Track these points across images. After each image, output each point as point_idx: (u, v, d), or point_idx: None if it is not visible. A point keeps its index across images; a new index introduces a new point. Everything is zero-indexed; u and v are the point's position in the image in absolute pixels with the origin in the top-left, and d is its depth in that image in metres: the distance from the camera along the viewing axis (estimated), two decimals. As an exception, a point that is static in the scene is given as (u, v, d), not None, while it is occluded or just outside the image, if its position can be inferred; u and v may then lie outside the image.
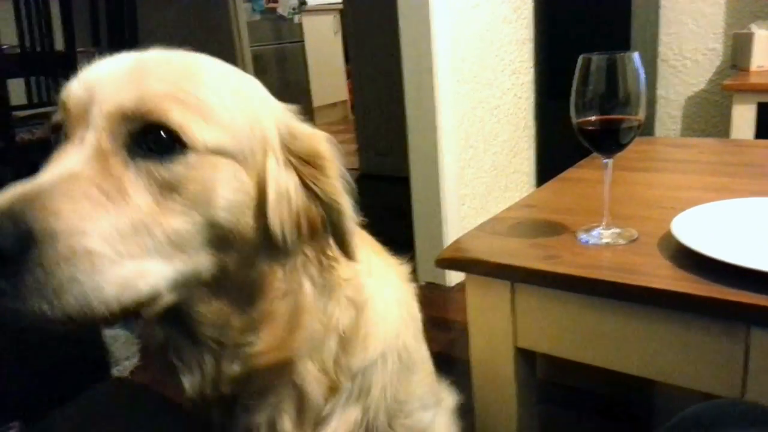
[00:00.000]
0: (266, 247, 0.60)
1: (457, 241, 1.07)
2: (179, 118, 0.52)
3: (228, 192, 0.55)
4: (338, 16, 5.91)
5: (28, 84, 2.82)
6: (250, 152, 0.57)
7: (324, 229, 0.63)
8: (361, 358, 0.70)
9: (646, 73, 0.91)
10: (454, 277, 2.38)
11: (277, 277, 0.62)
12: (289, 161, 0.61)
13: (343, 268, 0.68)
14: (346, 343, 0.69)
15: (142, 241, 0.50)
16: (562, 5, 2.59)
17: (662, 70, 2.79)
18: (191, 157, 0.53)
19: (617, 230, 1.00)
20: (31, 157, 3.22)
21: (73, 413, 0.79)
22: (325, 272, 0.66)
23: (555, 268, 0.91)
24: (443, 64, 2.17)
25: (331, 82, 6.12)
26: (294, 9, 5.67)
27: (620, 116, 0.90)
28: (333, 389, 0.69)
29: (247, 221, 0.57)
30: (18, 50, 2.77)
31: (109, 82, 0.54)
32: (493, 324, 1.03)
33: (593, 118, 0.91)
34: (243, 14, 4.31)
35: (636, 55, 0.89)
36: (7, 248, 0.44)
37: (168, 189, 0.52)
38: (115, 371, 1.52)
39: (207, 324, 0.60)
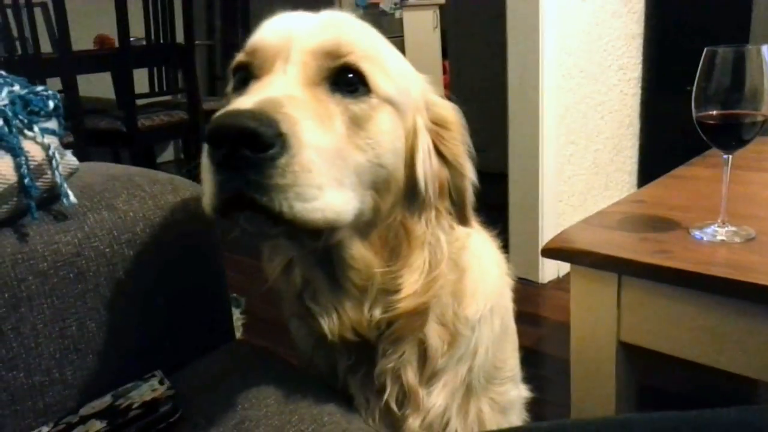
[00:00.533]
0: (410, 196, 0.67)
1: (563, 232, 1.07)
2: (368, 66, 0.60)
3: (393, 137, 0.62)
4: (438, 11, 5.92)
5: (151, 74, 3.03)
6: (406, 109, 0.65)
7: (449, 190, 0.69)
8: (474, 310, 0.75)
9: (765, 68, 0.88)
10: (547, 274, 2.36)
11: (418, 227, 0.67)
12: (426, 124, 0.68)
13: (456, 228, 0.73)
14: (460, 296, 0.73)
15: (341, 167, 0.56)
16: (675, -1, 2.49)
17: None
18: (373, 100, 0.60)
19: (733, 228, 0.97)
20: (150, 141, 3.49)
21: (204, 368, 0.87)
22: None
23: (667, 263, 0.90)
24: (549, 57, 2.15)
25: (427, 77, 6.13)
26: (396, 4, 5.74)
27: (744, 111, 0.88)
28: (451, 343, 0.74)
29: (400, 168, 0.64)
30: (144, 42, 2.98)
31: (308, 28, 0.61)
32: (596, 317, 1.02)
33: (715, 112, 0.89)
34: (347, 9, 4.42)
35: (765, 48, 0.87)
36: (266, 140, 0.49)
37: (355, 124, 0.59)
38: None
39: (354, 268, 0.66)
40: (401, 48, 6.04)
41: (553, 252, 1.03)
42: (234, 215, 0.55)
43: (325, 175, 0.53)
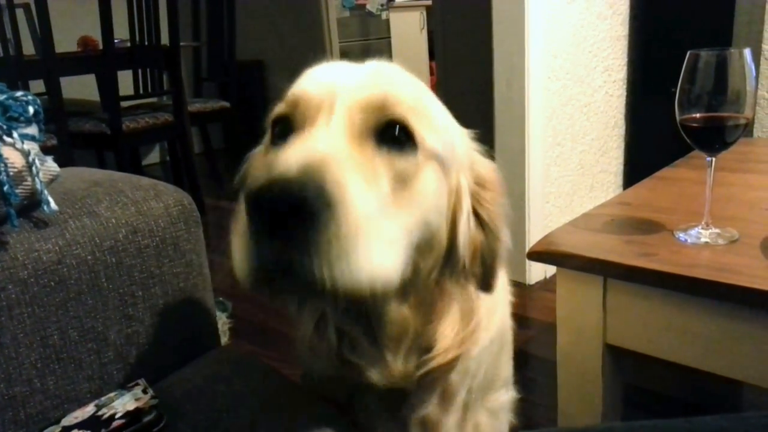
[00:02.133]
0: (448, 257, 0.64)
1: (549, 235, 1.08)
2: (415, 121, 0.57)
3: (438, 195, 0.60)
4: (425, 13, 5.93)
5: (135, 76, 3.00)
6: (450, 166, 0.62)
7: (481, 254, 0.66)
8: (476, 348, 0.73)
9: (749, 72, 0.89)
10: (534, 276, 2.37)
11: (451, 288, 0.66)
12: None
13: None
14: (472, 330, 0.72)
15: (387, 230, 0.52)
16: (659, 1, 2.51)
17: (765, 69, 2.64)
18: (419, 156, 0.58)
19: (717, 230, 0.98)
20: (135, 144, 3.46)
21: (189, 376, 0.86)
22: None
23: (651, 265, 0.90)
24: (535, 59, 2.16)
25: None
26: (382, 5, 5.74)
27: (727, 114, 0.89)
28: (464, 373, 0.74)
29: (443, 228, 0.62)
30: (128, 44, 2.95)
31: (353, 80, 0.58)
32: (582, 319, 1.03)
33: (698, 115, 0.90)
34: (333, 11, 4.42)
35: (747, 52, 0.87)
36: (313, 208, 0.45)
37: (401, 181, 0.56)
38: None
39: (390, 323, 0.64)
40: (388, 49, 6.06)
41: (539, 255, 1.03)
42: (273, 282, 0.50)
43: (372, 241, 0.49)
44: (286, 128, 0.59)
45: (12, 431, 0.75)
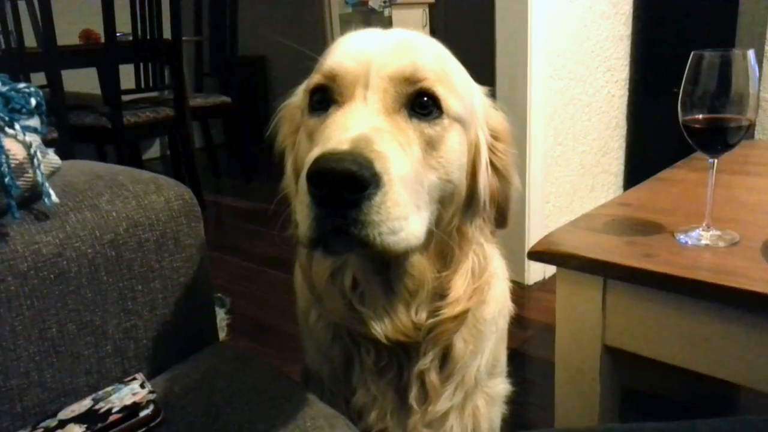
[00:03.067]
0: (468, 204, 0.70)
1: (550, 235, 1.07)
2: (441, 89, 0.64)
3: (460, 153, 0.66)
4: (427, 10, 5.92)
5: (137, 70, 2.99)
6: (470, 124, 0.68)
7: (498, 198, 0.73)
8: (489, 310, 0.79)
9: (753, 73, 0.89)
10: (533, 276, 2.37)
11: (470, 232, 0.72)
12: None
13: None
14: (482, 300, 0.77)
15: (419, 192, 0.59)
16: (663, 1, 2.50)
17: (767, 71, 2.64)
18: (445, 121, 0.64)
19: (717, 232, 0.98)
20: (135, 138, 3.46)
21: (187, 372, 0.86)
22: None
23: (652, 267, 0.90)
24: (537, 58, 2.15)
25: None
26: (385, 2, 5.72)
27: (730, 115, 0.88)
28: (475, 343, 0.78)
29: (464, 181, 0.68)
30: (130, 38, 2.95)
31: (384, 53, 0.64)
32: (581, 320, 1.03)
33: (701, 116, 0.89)
34: (336, 7, 4.41)
35: (751, 53, 0.87)
36: (365, 181, 0.52)
37: (429, 146, 0.63)
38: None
39: (411, 274, 0.69)
40: (390, 46, 6.04)
41: (539, 255, 1.03)
42: (327, 241, 0.57)
43: (409, 204, 0.57)
44: (324, 98, 0.65)
45: (8, 423, 0.75)
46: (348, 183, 0.52)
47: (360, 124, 0.58)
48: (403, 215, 0.55)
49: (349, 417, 0.77)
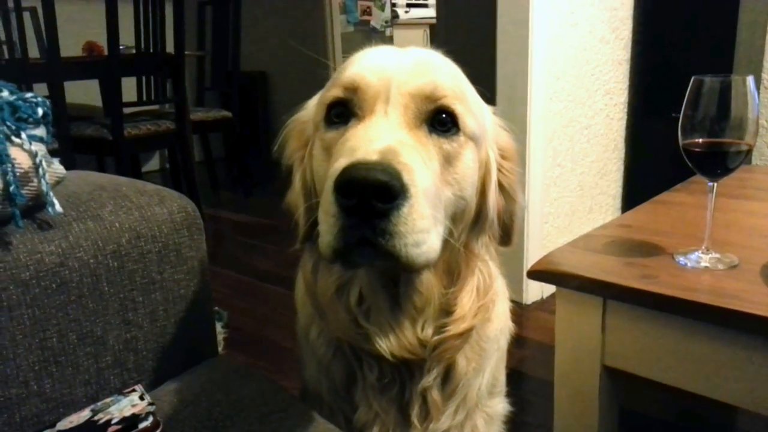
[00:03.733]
0: (475, 223, 0.71)
1: (549, 254, 1.08)
2: (460, 108, 0.65)
3: (473, 170, 0.68)
4: (428, 31, 5.99)
5: (139, 82, 3.01)
6: (482, 143, 0.70)
7: (503, 216, 0.74)
8: (493, 328, 0.80)
9: (750, 99, 0.90)
10: (531, 295, 2.37)
11: (476, 249, 0.73)
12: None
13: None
14: (487, 303, 0.77)
15: (437, 206, 0.60)
16: (662, 27, 2.53)
17: (765, 98, 2.67)
18: (461, 138, 0.65)
19: (717, 255, 0.98)
20: (135, 150, 3.46)
21: (186, 384, 0.86)
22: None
23: (651, 288, 0.91)
24: (537, 80, 2.17)
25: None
26: (387, 22, 5.79)
27: (730, 140, 0.89)
28: (478, 361, 0.78)
29: (475, 198, 0.69)
30: (133, 51, 2.96)
31: (404, 70, 0.65)
32: (581, 340, 1.03)
33: (701, 140, 0.90)
34: (338, 26, 4.45)
35: (751, 79, 0.88)
36: (394, 192, 0.53)
37: (446, 162, 0.64)
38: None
39: (418, 290, 0.69)
40: (391, 65, 6.09)
41: (539, 274, 1.04)
42: (349, 253, 0.57)
43: (431, 218, 0.57)
44: (343, 112, 0.66)
45: (7, 433, 0.75)
46: (378, 192, 0.52)
47: (385, 137, 0.58)
48: (426, 228, 0.56)
49: None
